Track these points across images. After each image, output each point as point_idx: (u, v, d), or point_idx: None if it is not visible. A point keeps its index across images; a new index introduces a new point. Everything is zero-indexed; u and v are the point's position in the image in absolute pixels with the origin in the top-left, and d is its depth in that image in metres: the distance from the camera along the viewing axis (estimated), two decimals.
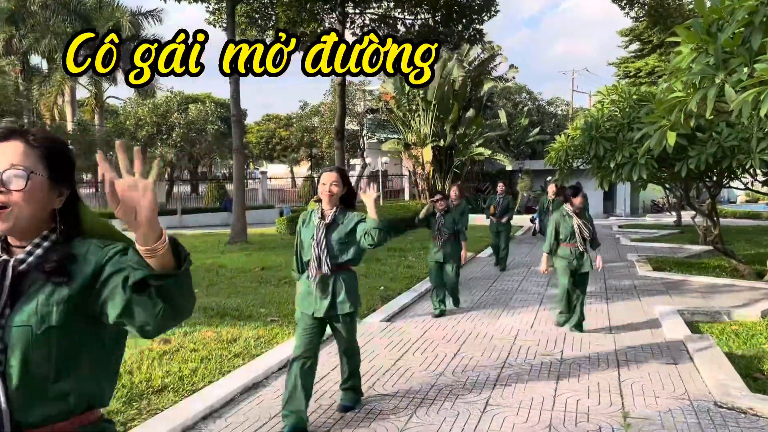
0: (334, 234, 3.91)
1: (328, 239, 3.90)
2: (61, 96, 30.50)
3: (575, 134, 11.54)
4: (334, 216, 3.93)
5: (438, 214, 7.73)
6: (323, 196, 3.90)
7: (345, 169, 4.09)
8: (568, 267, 6.54)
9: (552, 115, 44.18)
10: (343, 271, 3.99)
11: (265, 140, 46.40)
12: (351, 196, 4.01)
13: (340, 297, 3.94)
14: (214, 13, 19.61)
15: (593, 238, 6.64)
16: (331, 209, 3.93)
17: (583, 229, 6.50)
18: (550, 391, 4.66)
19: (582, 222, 6.54)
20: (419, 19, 21.54)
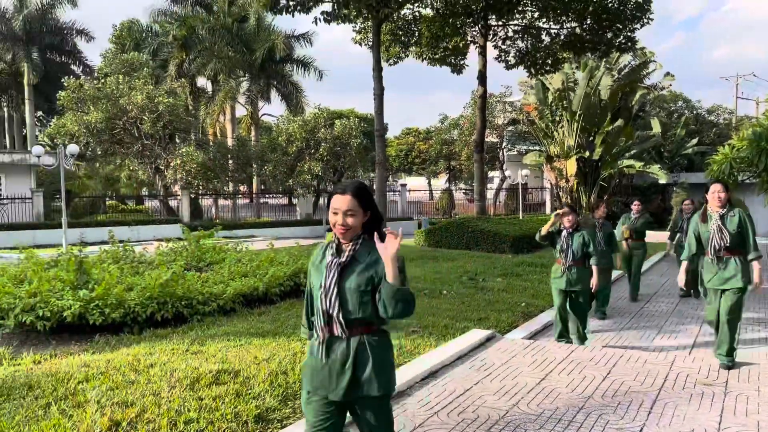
0: (351, 278, 2.72)
1: (341, 286, 2.72)
2: (223, 114, 33.37)
3: (741, 145, 10.62)
4: (353, 253, 2.74)
5: (564, 232, 6.87)
6: (336, 232, 2.77)
7: (365, 186, 2.85)
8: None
9: (712, 125, 40.83)
10: (369, 333, 2.75)
11: (404, 153, 47.38)
12: (377, 223, 2.80)
13: (366, 373, 2.71)
14: (360, 32, 20.46)
15: None
16: (349, 244, 2.76)
17: None
18: (713, 423, 4.31)
19: None
20: (565, 28, 20.94)
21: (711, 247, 5.73)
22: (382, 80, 16.10)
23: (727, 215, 5.71)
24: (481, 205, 21.89)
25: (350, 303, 2.71)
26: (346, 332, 2.72)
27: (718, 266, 5.74)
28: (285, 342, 6.29)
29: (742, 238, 5.70)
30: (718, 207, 5.72)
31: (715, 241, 5.69)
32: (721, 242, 5.67)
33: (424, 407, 4.65)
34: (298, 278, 9.33)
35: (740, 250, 5.72)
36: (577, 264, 6.78)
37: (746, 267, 5.70)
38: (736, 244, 5.67)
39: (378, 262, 2.68)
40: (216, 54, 30.97)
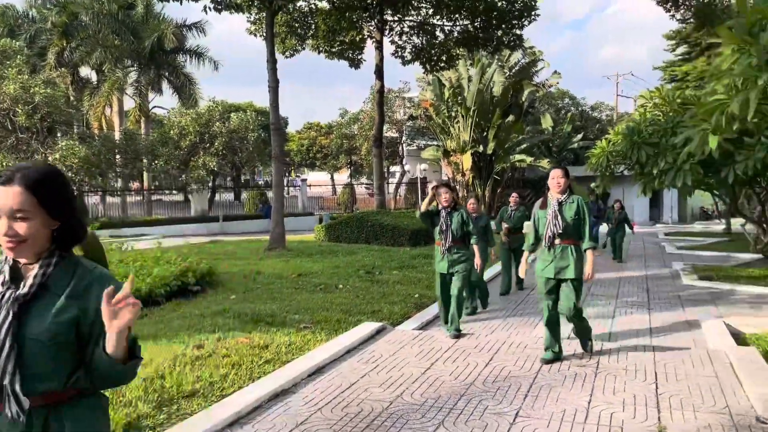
0: (37, 322, 1.71)
1: (20, 335, 1.70)
2: (109, 106, 31.53)
3: (616, 139, 11.29)
4: (42, 280, 1.73)
5: (442, 212, 6.55)
6: (3, 247, 1.75)
7: (50, 173, 1.73)
8: None
9: (596, 121, 43.42)
10: (67, 403, 1.75)
11: (306, 148, 46.94)
12: (71, 234, 1.80)
13: None
14: (254, 23, 19.96)
15: None
16: (35, 266, 1.74)
17: None
18: (583, 403, 4.52)
19: None
20: (458, 26, 21.45)
21: (545, 235, 5.46)
22: (276, 72, 15.77)
23: (566, 202, 5.44)
24: (381, 199, 22.05)
25: (35, 363, 1.67)
26: (25, 408, 1.65)
27: (552, 255, 5.47)
28: (166, 345, 5.99)
29: (578, 227, 5.44)
30: (557, 193, 5.46)
31: (549, 228, 5.43)
32: (554, 229, 5.39)
33: (308, 404, 4.56)
34: (185, 278, 8.96)
35: (575, 240, 5.46)
36: (457, 243, 6.52)
37: (581, 257, 5.45)
38: (571, 232, 5.42)
39: (89, 293, 1.73)
40: (101, 42, 29.15)
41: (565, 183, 5.46)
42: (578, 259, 5.41)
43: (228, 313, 7.47)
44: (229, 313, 7.47)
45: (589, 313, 7.97)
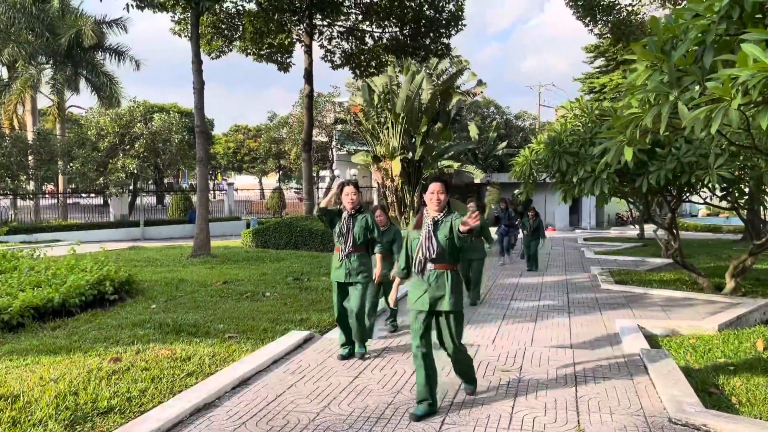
0: None
1: None
2: (22, 105, 29.81)
3: (539, 148, 11.63)
4: None
5: (345, 214, 5.94)
6: None
7: None
8: None
9: (519, 129, 44.79)
10: None
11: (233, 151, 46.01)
12: None
13: None
14: (179, 23, 19.38)
15: None
16: None
17: None
18: (507, 408, 4.61)
19: None
20: (387, 32, 21.61)
21: (416, 259, 4.62)
22: (201, 74, 15.36)
23: (442, 221, 4.58)
24: (310, 204, 21.85)
25: None
26: None
27: (426, 283, 4.60)
28: (80, 358, 5.68)
29: (453, 250, 4.56)
30: (435, 211, 4.60)
31: (421, 251, 4.59)
32: (426, 253, 4.55)
33: (232, 418, 4.43)
34: (102, 286, 8.54)
35: (450, 265, 4.59)
36: (359, 251, 5.94)
37: (459, 284, 4.62)
38: (447, 256, 4.56)
39: None
40: (13, 37, 27.53)
41: (445, 199, 4.60)
42: (455, 286, 4.56)
43: (148, 323, 7.18)
44: (149, 323, 7.18)
45: (514, 318, 8.18)
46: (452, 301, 4.53)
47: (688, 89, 4.83)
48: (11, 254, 10.30)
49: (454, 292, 4.55)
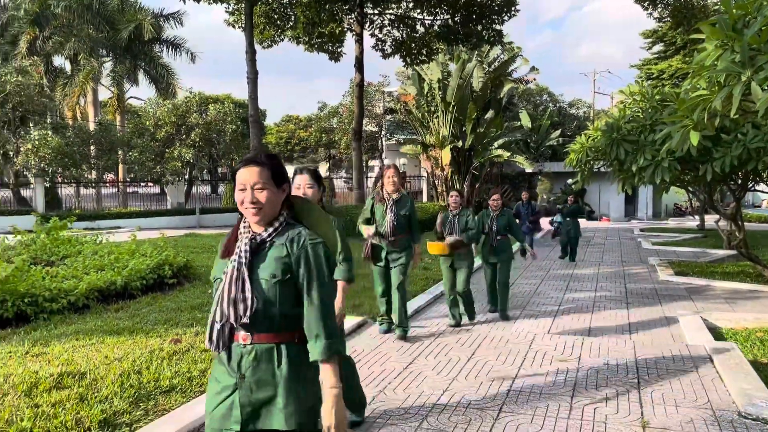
0: None
1: None
2: (84, 97, 30.91)
3: (596, 135, 11.32)
4: None
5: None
6: None
7: None
8: None
9: (573, 117, 43.79)
10: None
11: (284, 141, 46.58)
12: None
13: None
14: (233, 13, 19.68)
15: None
16: None
17: None
18: (566, 398, 4.51)
19: None
20: (438, 20, 21.39)
21: None
22: (255, 64, 15.58)
23: None
24: (360, 193, 21.94)
25: None
26: None
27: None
28: (143, 339, 5.86)
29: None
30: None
31: None
32: None
33: None
34: (162, 271, 8.79)
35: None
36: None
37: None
38: None
39: None
40: (75, 32, 28.54)
41: None
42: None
43: (206, 307, 7.34)
44: (207, 307, 7.34)
45: (570, 308, 8.02)
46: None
47: (763, 68, 4.59)
48: (76, 240, 10.70)
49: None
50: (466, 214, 7.00)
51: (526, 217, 13.79)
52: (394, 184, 6.08)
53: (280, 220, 2.21)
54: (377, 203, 6.15)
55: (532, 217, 14.08)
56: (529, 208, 14.23)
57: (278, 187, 2.19)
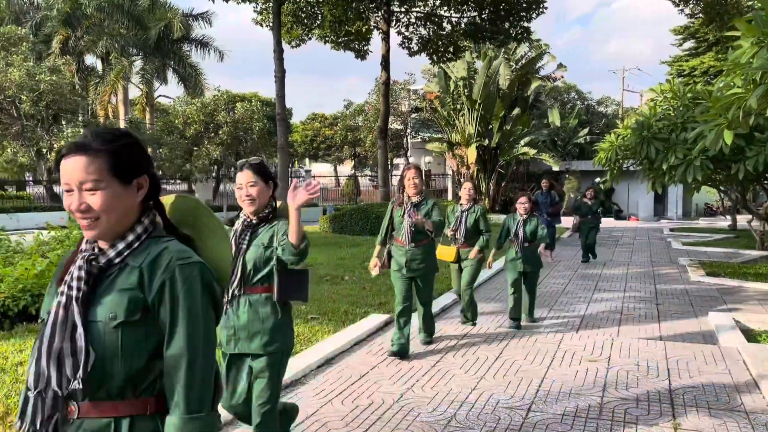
0: None
1: None
2: (115, 95, 31.46)
3: (626, 133, 11.18)
4: None
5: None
6: None
7: None
8: None
9: (602, 115, 43.24)
10: None
11: (309, 139, 46.81)
12: None
13: None
14: (261, 12, 19.85)
15: None
16: None
17: None
18: (596, 398, 4.48)
19: None
20: (465, 17, 21.31)
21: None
22: (282, 62, 15.70)
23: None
24: (386, 191, 21.99)
25: None
26: None
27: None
28: None
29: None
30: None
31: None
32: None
33: (318, 395, 4.53)
34: None
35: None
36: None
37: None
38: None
39: None
40: (107, 31, 29.06)
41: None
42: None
43: None
44: None
45: (599, 309, 7.95)
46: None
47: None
48: None
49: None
50: (477, 211, 6.65)
51: (545, 207, 12.26)
52: (415, 187, 5.49)
53: (137, 232, 1.51)
54: (396, 207, 5.54)
55: (551, 208, 12.51)
56: (549, 198, 12.61)
57: (126, 183, 1.48)
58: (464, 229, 6.69)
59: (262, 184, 3.06)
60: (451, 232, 6.83)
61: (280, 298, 3.05)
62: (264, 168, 3.10)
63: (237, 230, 3.11)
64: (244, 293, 3.06)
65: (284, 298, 3.07)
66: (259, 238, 3.07)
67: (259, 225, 3.10)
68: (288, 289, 3.07)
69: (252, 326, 3.03)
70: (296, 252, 2.86)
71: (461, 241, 6.73)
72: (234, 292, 3.05)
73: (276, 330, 3.04)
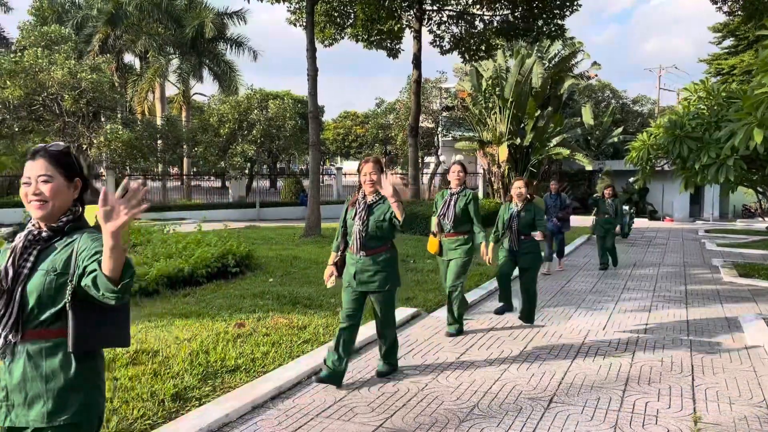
0: None
1: None
2: (152, 93, 32.19)
3: (658, 132, 11.09)
4: None
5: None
6: None
7: None
8: None
9: (637, 114, 42.60)
10: None
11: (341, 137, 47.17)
12: None
13: None
14: (294, 12, 20.13)
15: None
16: None
17: None
18: (617, 392, 4.55)
19: None
20: (498, 15, 21.27)
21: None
22: (315, 61, 15.92)
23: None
24: (416, 188, 22.10)
25: None
26: None
27: None
28: (209, 322, 6.20)
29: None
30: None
31: None
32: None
33: (346, 382, 4.69)
34: (225, 260, 9.18)
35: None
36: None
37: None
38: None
39: None
40: (145, 30, 29.77)
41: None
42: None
43: (267, 294, 7.67)
44: (268, 295, 7.67)
45: (626, 307, 7.95)
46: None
47: None
48: (145, 229, 11.28)
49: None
50: (468, 195, 6.11)
51: (554, 211, 11.16)
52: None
53: None
54: (350, 207, 4.82)
55: (561, 212, 11.21)
56: (558, 201, 11.29)
57: None
58: (452, 215, 6.06)
59: (61, 179, 2.14)
60: (437, 220, 6.20)
61: (77, 346, 2.06)
62: (67, 157, 2.18)
63: (17, 246, 2.12)
64: (22, 339, 2.07)
65: (84, 346, 2.08)
66: (51, 261, 2.10)
67: (50, 239, 2.14)
68: (91, 331, 2.08)
69: (30, 387, 2.07)
70: (115, 290, 1.90)
71: (448, 228, 6.11)
72: (7, 338, 2.06)
73: (67, 392, 2.07)
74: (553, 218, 11.00)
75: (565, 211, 11.24)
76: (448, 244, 6.12)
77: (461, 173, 6.16)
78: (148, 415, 3.87)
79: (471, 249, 6.07)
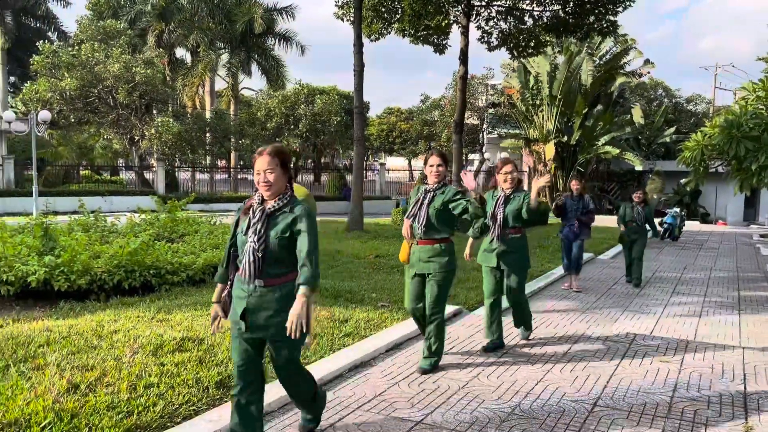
0: None
1: None
2: (202, 87, 32.88)
3: (713, 132, 10.74)
4: None
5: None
6: None
7: None
8: None
9: (691, 114, 41.31)
10: None
11: (385, 133, 47.21)
12: None
13: None
14: (342, 7, 20.20)
15: None
16: None
17: None
18: (665, 397, 4.42)
19: None
20: (548, 11, 20.89)
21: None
22: (362, 56, 15.96)
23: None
24: (459, 185, 21.93)
25: None
26: None
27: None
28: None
29: None
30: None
31: None
32: None
33: (386, 377, 4.70)
34: None
35: None
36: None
37: None
38: None
39: None
40: (197, 25, 30.42)
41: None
42: None
43: None
44: None
45: (675, 312, 7.73)
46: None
47: None
48: (193, 220, 11.53)
49: None
50: (447, 193, 4.95)
51: (573, 214, 9.21)
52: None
53: None
54: (242, 217, 3.62)
55: (583, 216, 9.21)
56: (581, 204, 9.21)
57: None
58: (424, 216, 4.82)
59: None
60: (408, 222, 4.98)
61: None
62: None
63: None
64: None
65: None
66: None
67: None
68: None
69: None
70: None
71: (419, 234, 4.85)
72: None
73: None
74: (572, 223, 9.12)
75: (588, 216, 9.27)
76: (422, 253, 4.96)
77: (441, 167, 4.95)
78: (193, 401, 3.95)
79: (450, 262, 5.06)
